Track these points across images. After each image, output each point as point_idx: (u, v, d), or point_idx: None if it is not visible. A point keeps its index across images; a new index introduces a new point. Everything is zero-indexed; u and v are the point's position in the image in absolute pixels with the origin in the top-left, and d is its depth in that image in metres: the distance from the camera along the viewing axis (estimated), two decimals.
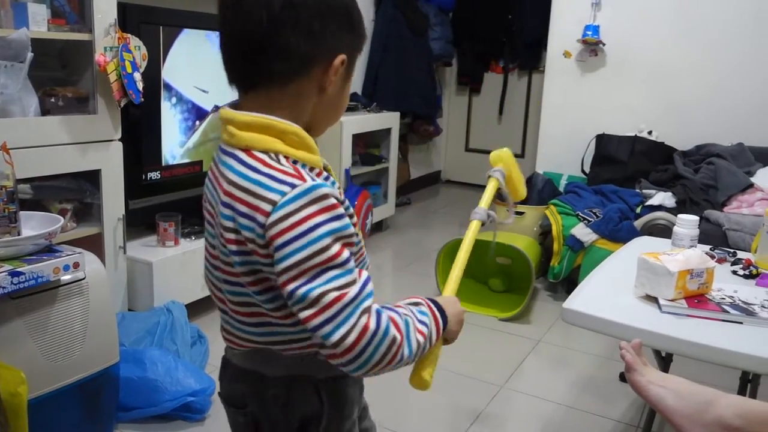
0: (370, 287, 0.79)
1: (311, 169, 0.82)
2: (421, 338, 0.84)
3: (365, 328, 0.76)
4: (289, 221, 0.75)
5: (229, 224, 0.80)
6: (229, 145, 0.83)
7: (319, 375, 0.88)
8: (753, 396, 1.62)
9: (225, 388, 0.95)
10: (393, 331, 0.79)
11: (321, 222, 0.76)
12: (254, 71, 0.82)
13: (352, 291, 0.77)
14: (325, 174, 0.85)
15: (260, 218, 0.76)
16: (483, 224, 1.16)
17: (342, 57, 0.84)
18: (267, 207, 0.76)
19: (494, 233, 1.46)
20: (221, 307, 0.91)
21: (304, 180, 0.77)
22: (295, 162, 0.80)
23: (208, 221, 0.89)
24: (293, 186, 0.76)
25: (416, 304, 0.89)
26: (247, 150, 0.80)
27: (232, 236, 0.80)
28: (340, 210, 0.78)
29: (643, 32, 3.47)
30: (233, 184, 0.79)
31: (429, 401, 2.05)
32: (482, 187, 1.29)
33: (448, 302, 0.94)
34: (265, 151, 0.80)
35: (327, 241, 0.76)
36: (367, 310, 0.77)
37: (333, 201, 0.77)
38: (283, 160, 0.80)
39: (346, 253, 0.77)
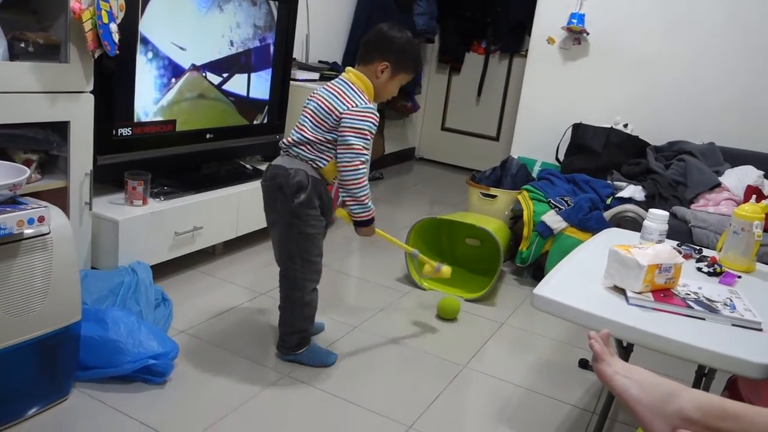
0: (367, 156, 1.86)
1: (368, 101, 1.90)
2: (365, 201, 1.90)
3: (360, 166, 1.84)
4: (357, 113, 1.83)
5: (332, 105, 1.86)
6: (345, 78, 1.92)
7: (312, 174, 1.89)
8: (706, 389, 1.68)
9: (270, 173, 1.91)
10: (363, 181, 1.86)
11: (371, 120, 1.84)
12: (362, 59, 1.94)
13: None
14: (374, 104, 1.92)
15: (346, 107, 1.83)
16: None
17: (385, 64, 1.90)
18: (351, 105, 1.83)
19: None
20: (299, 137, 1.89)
21: (369, 102, 1.87)
22: (367, 97, 1.89)
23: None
24: (365, 103, 1.86)
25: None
26: (352, 83, 1.89)
27: (336, 111, 1.84)
28: (375, 121, 1.85)
29: (627, 25, 3.48)
30: (339, 91, 1.88)
31: (392, 377, 2.06)
32: (456, 168, 1.35)
33: (369, 229, 1.97)
34: (359, 88, 1.89)
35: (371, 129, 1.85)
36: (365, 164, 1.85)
37: (376, 116, 1.85)
38: (363, 94, 1.88)
39: (371, 139, 1.86)
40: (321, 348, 2.09)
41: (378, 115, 1.87)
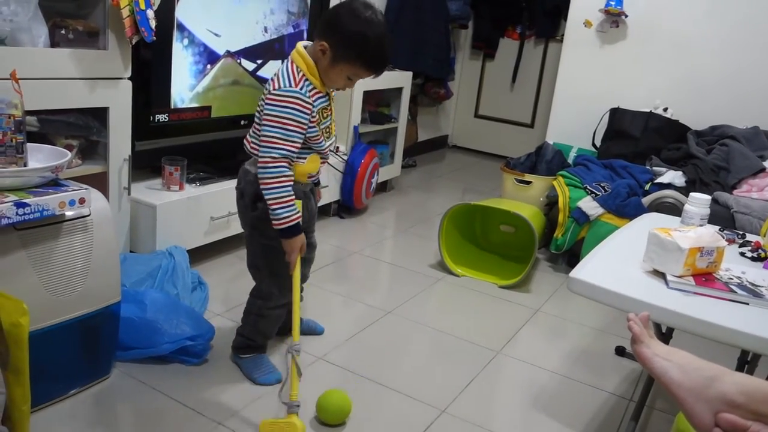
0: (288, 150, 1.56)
1: (311, 87, 1.58)
2: (274, 206, 1.56)
3: (269, 163, 1.54)
4: (277, 97, 1.54)
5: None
6: (291, 55, 1.60)
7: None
8: None
9: (238, 176, 1.75)
10: (274, 182, 1.55)
11: (292, 106, 1.54)
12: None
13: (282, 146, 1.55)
14: (320, 93, 1.60)
15: (269, 89, 1.57)
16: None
17: (323, 45, 1.55)
18: (274, 86, 1.56)
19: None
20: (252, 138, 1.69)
21: (297, 86, 1.54)
22: (304, 78, 1.57)
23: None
24: (290, 85, 1.55)
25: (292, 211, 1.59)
26: (293, 60, 1.59)
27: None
28: (300, 107, 1.54)
29: (667, 6, 3.38)
30: (278, 71, 1.60)
31: (425, 362, 2.06)
32: (489, 155, 1.30)
33: (296, 240, 1.61)
34: (298, 66, 1.58)
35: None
36: (282, 160, 1.55)
37: (303, 101, 1.54)
38: (298, 73, 1.57)
39: (295, 130, 1.55)
40: (268, 365, 1.85)
41: (306, 100, 1.54)
